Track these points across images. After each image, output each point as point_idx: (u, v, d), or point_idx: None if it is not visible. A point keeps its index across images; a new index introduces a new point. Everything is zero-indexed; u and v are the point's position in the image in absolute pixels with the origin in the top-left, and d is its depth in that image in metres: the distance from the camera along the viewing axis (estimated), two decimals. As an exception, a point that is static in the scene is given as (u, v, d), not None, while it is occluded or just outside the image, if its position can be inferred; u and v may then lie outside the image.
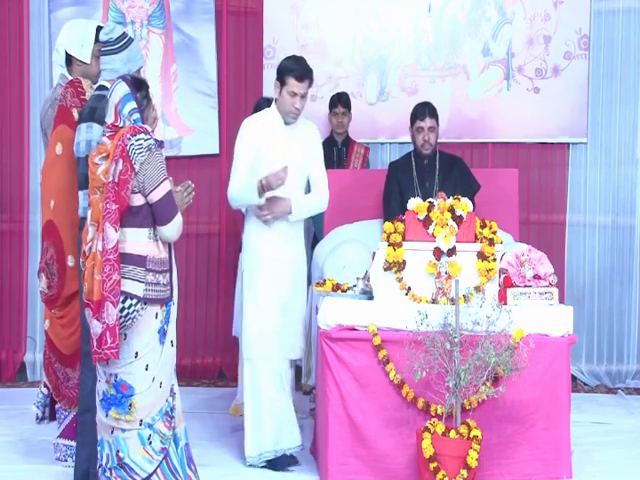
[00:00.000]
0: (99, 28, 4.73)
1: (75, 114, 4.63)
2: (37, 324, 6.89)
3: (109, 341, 3.73)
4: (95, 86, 4.59)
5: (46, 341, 4.85)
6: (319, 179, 5.01)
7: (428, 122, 5.39)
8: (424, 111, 5.40)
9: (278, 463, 4.87)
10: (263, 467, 4.87)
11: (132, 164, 3.80)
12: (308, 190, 5.09)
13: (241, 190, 4.81)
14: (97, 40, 4.69)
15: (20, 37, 6.95)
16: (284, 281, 4.90)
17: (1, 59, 6.96)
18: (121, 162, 3.79)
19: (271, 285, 4.88)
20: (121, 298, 3.76)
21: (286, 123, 4.93)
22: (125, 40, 4.51)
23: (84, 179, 4.35)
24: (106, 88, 4.45)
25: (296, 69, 4.87)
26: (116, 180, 3.78)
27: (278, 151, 4.87)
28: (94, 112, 4.39)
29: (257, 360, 4.86)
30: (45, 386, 4.84)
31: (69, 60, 4.80)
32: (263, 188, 4.74)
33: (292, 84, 4.85)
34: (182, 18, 6.95)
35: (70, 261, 4.67)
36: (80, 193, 4.43)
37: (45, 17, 6.92)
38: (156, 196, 3.86)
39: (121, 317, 3.77)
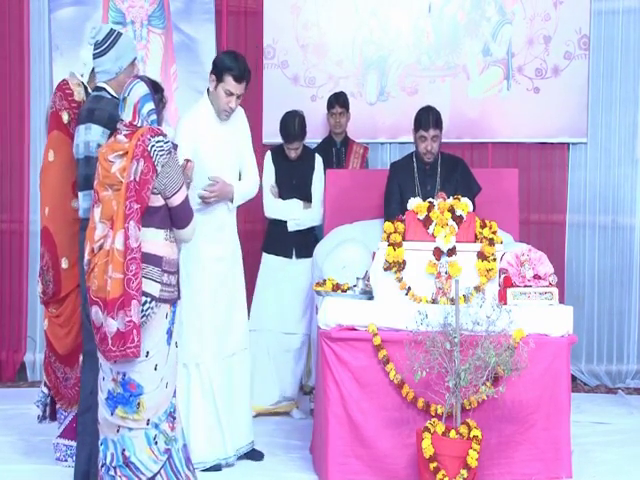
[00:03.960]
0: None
1: (65, 117, 4.64)
2: (37, 324, 6.88)
3: (135, 339, 3.72)
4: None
5: (46, 341, 4.86)
6: (249, 163, 4.97)
7: (432, 132, 5.34)
8: (428, 121, 5.33)
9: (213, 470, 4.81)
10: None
11: (154, 165, 3.79)
12: None
13: None
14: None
15: (20, 37, 6.94)
16: (224, 279, 4.88)
17: (1, 59, 6.96)
18: (142, 162, 3.77)
19: (209, 286, 4.83)
20: None
21: (218, 117, 4.88)
22: (111, 38, 4.44)
23: (84, 180, 4.34)
24: (103, 89, 4.45)
25: (234, 68, 4.75)
26: (137, 179, 3.77)
27: (215, 144, 4.81)
28: (92, 113, 4.36)
29: (191, 366, 4.80)
30: (45, 385, 4.85)
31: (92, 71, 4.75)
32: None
33: (229, 83, 4.75)
34: (182, 18, 6.95)
35: (64, 263, 4.67)
36: (80, 194, 4.42)
37: (45, 17, 6.92)
38: (177, 200, 3.88)
39: None
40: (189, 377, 4.81)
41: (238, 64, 4.79)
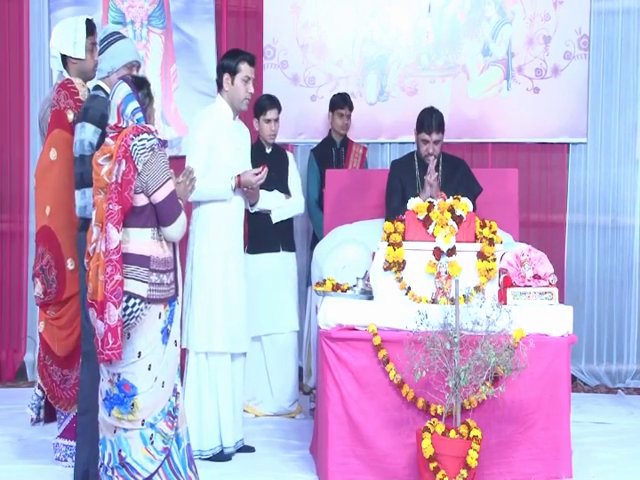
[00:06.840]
0: (88, 21, 4.75)
1: (70, 115, 4.63)
2: (37, 324, 6.87)
3: (110, 342, 3.74)
4: (92, 85, 4.60)
5: (40, 343, 4.81)
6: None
7: (434, 136, 5.32)
8: (431, 125, 5.30)
9: (216, 459, 4.96)
10: (205, 460, 4.94)
11: (135, 164, 3.80)
12: None
13: (208, 184, 4.87)
14: (89, 34, 4.72)
15: (20, 37, 6.95)
16: (230, 275, 5.02)
17: (1, 59, 6.96)
18: (124, 162, 3.80)
19: (219, 279, 4.98)
20: (125, 297, 3.76)
21: (233, 117, 5.09)
22: (110, 39, 4.52)
23: (80, 179, 4.37)
24: (101, 88, 4.50)
25: (244, 55, 5.07)
26: (119, 181, 3.78)
27: (231, 144, 5.01)
28: (86, 112, 4.42)
29: (200, 355, 4.98)
30: (39, 388, 4.79)
31: (64, 61, 4.79)
32: (239, 184, 4.94)
33: (245, 69, 5.01)
34: (182, 18, 6.95)
35: (70, 264, 4.66)
36: (77, 192, 4.43)
37: (45, 17, 6.92)
38: (160, 196, 3.86)
39: (125, 316, 3.78)
40: (198, 365, 4.98)
41: (244, 52, 5.16)
